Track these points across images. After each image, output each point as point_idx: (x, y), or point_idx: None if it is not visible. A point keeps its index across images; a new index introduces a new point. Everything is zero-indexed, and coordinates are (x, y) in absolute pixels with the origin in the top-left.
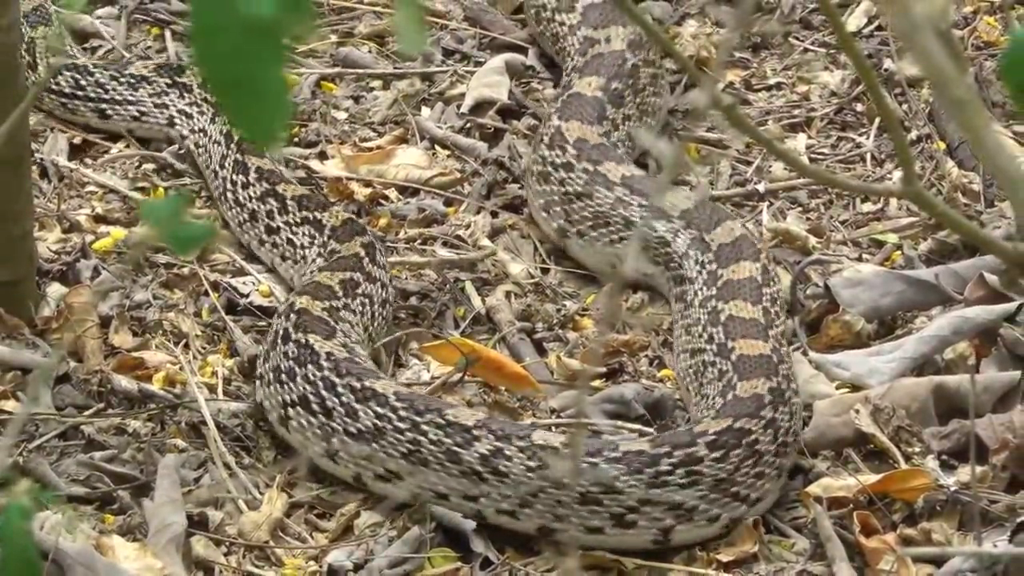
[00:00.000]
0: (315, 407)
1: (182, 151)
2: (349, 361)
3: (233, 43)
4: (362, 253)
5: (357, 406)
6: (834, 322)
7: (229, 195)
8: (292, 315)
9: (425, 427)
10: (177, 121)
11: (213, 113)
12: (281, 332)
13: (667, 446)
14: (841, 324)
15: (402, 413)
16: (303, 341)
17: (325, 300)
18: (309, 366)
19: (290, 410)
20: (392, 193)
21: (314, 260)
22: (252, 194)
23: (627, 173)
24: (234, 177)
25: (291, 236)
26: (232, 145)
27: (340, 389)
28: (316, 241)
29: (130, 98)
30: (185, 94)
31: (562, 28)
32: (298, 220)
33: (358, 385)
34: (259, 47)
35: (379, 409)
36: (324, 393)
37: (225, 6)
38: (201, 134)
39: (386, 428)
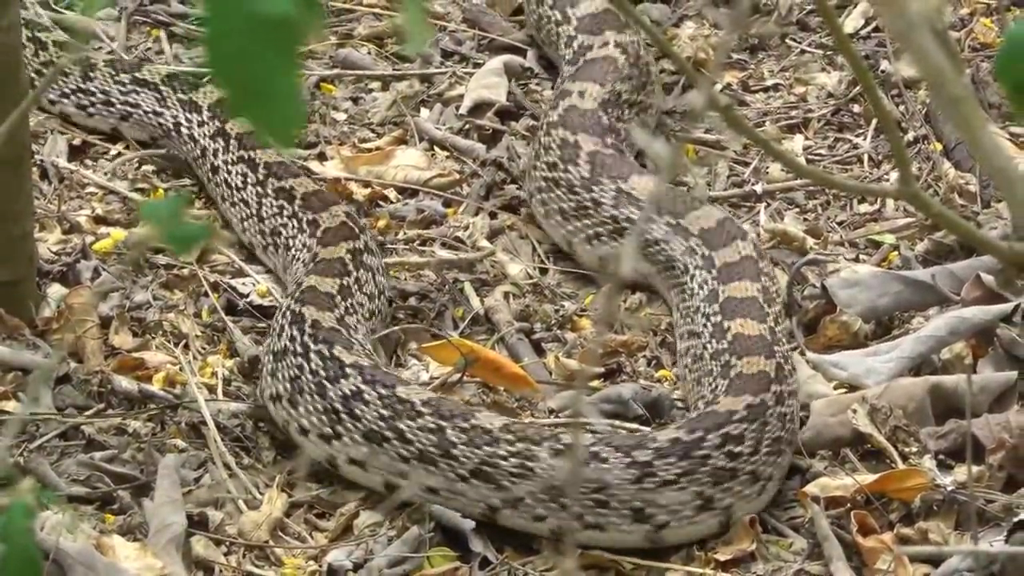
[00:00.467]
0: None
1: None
2: (312, 291)
3: (247, 45)
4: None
5: (284, 326)
6: (831, 322)
7: (184, 129)
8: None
9: (313, 355)
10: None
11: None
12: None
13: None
14: (839, 324)
15: (306, 339)
16: (301, 280)
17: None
18: (287, 297)
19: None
20: (391, 194)
21: (257, 202)
22: (206, 132)
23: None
24: (188, 115)
25: (227, 176)
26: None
27: (288, 313)
28: (249, 180)
29: None
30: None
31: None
32: (234, 159)
33: (297, 309)
34: (273, 49)
35: (293, 332)
36: (280, 319)
37: (239, 9)
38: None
39: (287, 349)
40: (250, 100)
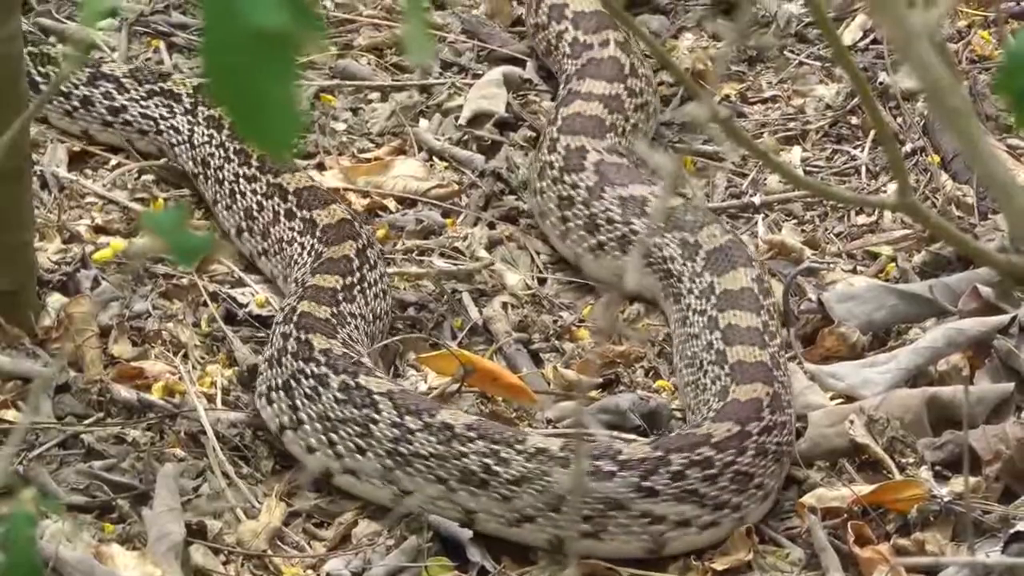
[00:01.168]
0: None
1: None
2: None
3: (244, 57)
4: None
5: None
6: (830, 334)
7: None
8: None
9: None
10: None
11: None
12: None
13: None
14: (837, 336)
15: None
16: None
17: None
18: None
19: None
20: (390, 204)
21: (188, 131)
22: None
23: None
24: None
25: (143, 110)
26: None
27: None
28: (175, 110)
29: None
30: None
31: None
32: (144, 94)
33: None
34: (270, 61)
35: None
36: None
37: (237, 21)
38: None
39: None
40: (247, 112)
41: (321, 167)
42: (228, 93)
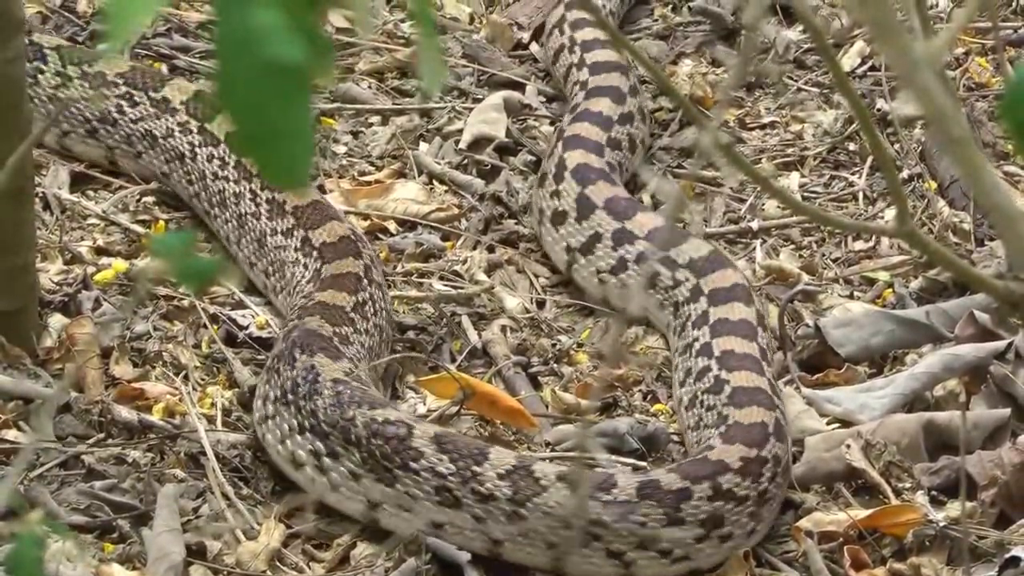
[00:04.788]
0: None
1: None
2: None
3: (259, 90)
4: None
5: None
6: (836, 375)
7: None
8: None
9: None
10: None
11: None
12: None
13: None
14: (843, 379)
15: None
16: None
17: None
18: None
19: None
20: (391, 226)
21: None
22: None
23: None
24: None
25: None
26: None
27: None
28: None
29: None
30: None
31: None
32: None
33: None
34: (284, 92)
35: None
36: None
37: (252, 53)
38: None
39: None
40: (261, 143)
41: (322, 189)
42: (242, 124)
